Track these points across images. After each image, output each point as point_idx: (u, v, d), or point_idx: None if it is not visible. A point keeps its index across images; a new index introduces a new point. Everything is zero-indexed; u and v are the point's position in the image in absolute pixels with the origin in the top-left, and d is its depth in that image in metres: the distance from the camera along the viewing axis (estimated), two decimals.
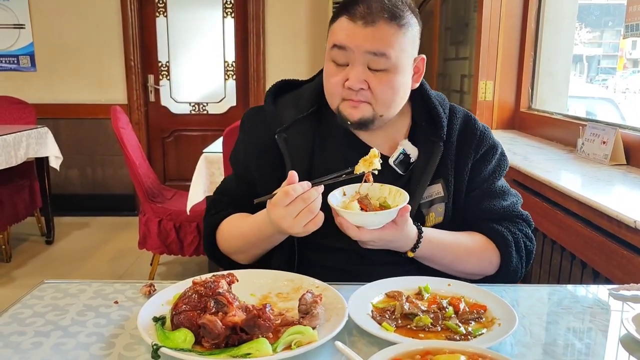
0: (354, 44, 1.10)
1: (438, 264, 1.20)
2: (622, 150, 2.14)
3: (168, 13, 4.84)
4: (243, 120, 1.33)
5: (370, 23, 1.09)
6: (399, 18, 1.11)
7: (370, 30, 1.09)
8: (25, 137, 3.75)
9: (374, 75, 1.12)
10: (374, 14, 1.09)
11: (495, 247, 1.22)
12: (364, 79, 1.12)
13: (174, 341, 0.81)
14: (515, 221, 1.27)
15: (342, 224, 1.05)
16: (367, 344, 0.87)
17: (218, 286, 0.88)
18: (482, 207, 1.25)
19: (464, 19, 3.65)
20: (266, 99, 1.29)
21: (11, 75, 4.76)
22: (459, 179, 1.24)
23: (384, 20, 1.09)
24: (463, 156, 1.25)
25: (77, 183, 4.97)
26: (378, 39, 1.09)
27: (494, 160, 1.27)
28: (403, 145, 1.23)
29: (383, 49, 1.10)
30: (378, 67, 1.11)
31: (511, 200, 1.28)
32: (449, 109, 1.28)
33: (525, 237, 1.25)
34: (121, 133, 3.09)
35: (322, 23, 4.59)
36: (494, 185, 1.27)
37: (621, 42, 4.71)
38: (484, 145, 1.26)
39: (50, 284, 1.08)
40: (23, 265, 3.77)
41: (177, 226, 3.14)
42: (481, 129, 1.27)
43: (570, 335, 0.92)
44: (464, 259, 1.20)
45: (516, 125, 3.27)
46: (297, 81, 1.36)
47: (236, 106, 5.01)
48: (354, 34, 1.10)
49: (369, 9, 1.10)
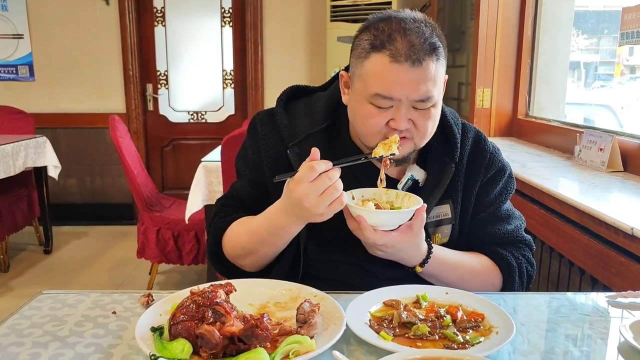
0: (403, 94, 1.05)
1: (442, 282, 1.18)
2: (619, 157, 2.15)
3: (166, 22, 4.86)
4: (253, 124, 1.28)
5: (417, 63, 1.03)
6: (438, 47, 1.06)
7: (417, 73, 1.03)
8: (24, 147, 3.75)
9: (418, 113, 1.09)
10: (418, 52, 1.03)
11: (499, 271, 1.22)
12: (409, 118, 1.08)
13: (171, 351, 0.81)
14: (519, 246, 1.26)
15: (361, 223, 1.02)
16: (365, 353, 0.87)
17: (216, 296, 0.88)
18: (487, 230, 1.25)
19: (461, 27, 3.67)
20: (278, 107, 1.25)
21: (10, 85, 4.77)
22: (467, 201, 1.24)
23: (428, 57, 1.04)
24: (472, 178, 1.24)
25: (76, 192, 4.97)
26: (426, 82, 1.04)
27: (502, 182, 1.27)
28: (411, 170, 1.22)
29: (431, 92, 1.06)
30: (424, 107, 1.08)
31: (515, 224, 1.27)
32: (461, 127, 1.26)
33: (527, 262, 1.25)
34: (119, 142, 3.10)
35: (320, 31, 4.60)
36: (500, 209, 1.27)
37: (618, 49, 4.73)
38: (493, 168, 1.25)
39: (49, 295, 1.08)
40: (21, 275, 3.76)
41: (176, 235, 3.14)
42: (491, 151, 1.26)
43: (568, 343, 0.92)
44: (468, 279, 1.19)
45: (514, 132, 3.27)
46: (309, 88, 1.32)
47: (235, 115, 5.02)
48: (401, 81, 1.04)
49: (413, 47, 1.03)
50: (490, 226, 1.25)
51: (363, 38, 1.09)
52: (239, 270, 1.26)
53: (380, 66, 1.05)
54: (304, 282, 1.11)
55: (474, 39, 3.24)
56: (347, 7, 4.03)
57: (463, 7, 3.63)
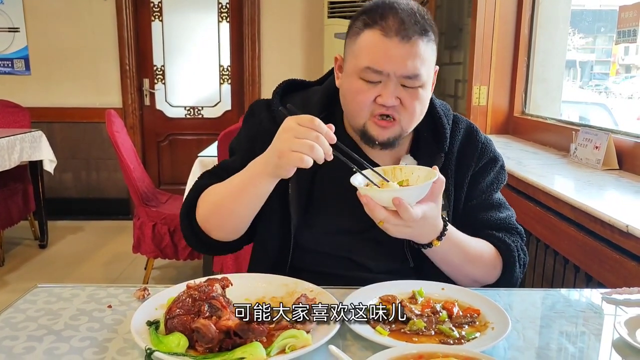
0: (391, 68, 1.07)
1: (449, 264, 1.16)
2: (614, 155, 2.16)
3: (163, 17, 4.84)
4: (252, 111, 1.28)
5: (406, 39, 1.06)
6: (428, 30, 1.09)
7: (407, 48, 1.06)
8: (19, 141, 3.73)
9: (406, 92, 1.10)
10: (408, 29, 1.06)
11: (499, 254, 1.21)
12: (396, 95, 1.10)
13: (167, 345, 0.81)
14: (512, 233, 1.26)
15: (401, 205, 0.98)
16: (361, 348, 0.87)
17: (212, 290, 0.88)
18: (479, 217, 1.25)
19: (458, 24, 3.67)
20: (274, 99, 1.26)
21: (5, 79, 4.75)
22: (458, 190, 1.24)
23: (418, 36, 1.07)
24: (463, 167, 1.24)
25: (72, 187, 4.96)
26: (414, 59, 1.07)
27: (493, 172, 1.27)
28: (405, 160, 1.23)
29: (418, 70, 1.08)
30: (411, 85, 1.09)
31: (507, 214, 1.28)
32: (452, 119, 1.27)
33: (521, 250, 1.25)
34: (116, 137, 3.09)
35: (317, 27, 4.60)
36: (491, 197, 1.27)
37: (614, 48, 4.74)
38: (484, 158, 1.26)
39: (44, 288, 1.07)
40: (16, 269, 3.75)
41: (172, 230, 3.13)
42: (483, 141, 1.27)
43: (563, 339, 0.93)
44: (475, 259, 1.17)
45: (510, 130, 3.28)
46: (304, 82, 1.33)
47: (231, 110, 5.01)
48: (390, 54, 1.07)
49: (403, 24, 1.06)
50: (482, 213, 1.25)
51: (357, 20, 1.13)
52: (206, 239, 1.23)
53: (372, 41, 1.08)
54: (292, 275, 1.10)
55: (471, 36, 3.24)
56: (345, 3, 4.03)
57: (460, 4, 3.63)
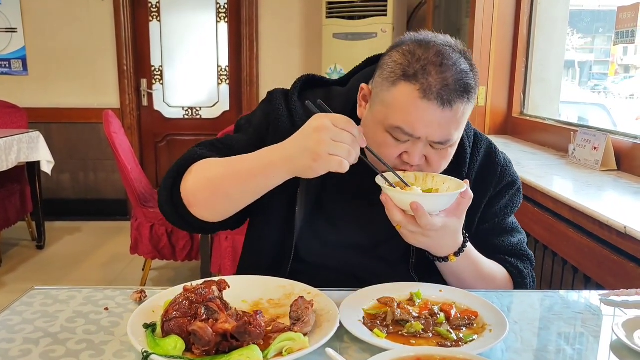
0: (424, 133, 0.99)
1: (459, 279, 1.14)
2: (612, 156, 2.16)
3: (161, 17, 4.84)
4: (271, 98, 1.20)
5: (447, 105, 0.96)
6: (472, 90, 1.00)
7: (445, 115, 0.97)
8: (17, 142, 3.73)
9: (435, 151, 1.04)
10: (451, 93, 0.96)
11: (511, 278, 1.20)
12: (423, 155, 1.04)
13: (164, 348, 0.81)
14: (523, 259, 1.24)
15: (418, 210, 0.95)
16: (359, 351, 0.86)
17: (209, 293, 0.88)
18: (490, 242, 1.22)
19: (457, 25, 3.67)
20: (292, 96, 1.19)
21: (3, 79, 4.73)
22: (473, 212, 1.19)
23: (459, 99, 0.97)
24: (481, 190, 1.19)
25: (69, 188, 4.95)
26: (448, 126, 0.99)
27: (509, 195, 1.24)
28: None
29: (452, 135, 1.01)
30: (440, 147, 1.03)
31: (519, 238, 1.25)
32: (473, 138, 1.21)
33: (530, 277, 1.23)
34: (113, 137, 3.08)
35: (315, 28, 4.59)
36: (504, 221, 1.24)
37: (612, 48, 4.75)
38: (503, 182, 1.22)
39: (40, 291, 1.07)
40: (13, 270, 3.75)
41: (169, 231, 3.13)
42: (502, 164, 1.23)
43: (561, 341, 0.93)
44: (487, 280, 1.16)
45: (508, 130, 3.28)
46: (324, 79, 1.27)
47: (229, 111, 5.01)
48: (426, 120, 0.97)
49: (447, 86, 0.96)
50: (494, 238, 1.23)
51: (395, 58, 1.01)
52: (183, 212, 1.11)
53: (408, 99, 0.98)
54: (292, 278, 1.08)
55: (469, 37, 3.24)
56: (343, 3, 4.02)
57: (459, 4, 3.63)
